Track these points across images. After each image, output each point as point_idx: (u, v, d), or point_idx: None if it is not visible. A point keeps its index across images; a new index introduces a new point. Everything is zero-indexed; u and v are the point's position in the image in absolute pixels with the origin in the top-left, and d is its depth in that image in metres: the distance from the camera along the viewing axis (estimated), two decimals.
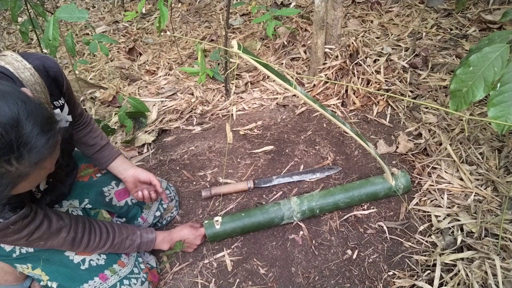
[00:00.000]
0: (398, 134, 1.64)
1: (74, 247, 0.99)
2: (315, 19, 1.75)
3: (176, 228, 1.28)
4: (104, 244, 1.05)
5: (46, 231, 0.90)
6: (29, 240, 0.87)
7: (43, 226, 0.89)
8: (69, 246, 0.98)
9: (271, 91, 2.00)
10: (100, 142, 1.18)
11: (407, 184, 1.33)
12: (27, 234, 0.86)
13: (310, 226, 1.34)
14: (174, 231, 1.26)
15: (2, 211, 0.79)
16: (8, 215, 0.80)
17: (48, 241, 0.92)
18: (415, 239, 1.25)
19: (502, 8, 2.21)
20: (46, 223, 0.90)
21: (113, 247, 1.07)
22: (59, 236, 0.94)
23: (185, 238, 1.24)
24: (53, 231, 0.92)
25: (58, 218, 0.94)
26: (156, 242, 1.19)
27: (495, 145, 1.45)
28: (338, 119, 1.13)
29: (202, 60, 1.71)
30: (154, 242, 1.18)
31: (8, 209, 0.80)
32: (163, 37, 2.73)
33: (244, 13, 2.82)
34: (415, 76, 1.91)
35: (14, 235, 0.84)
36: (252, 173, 1.56)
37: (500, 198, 1.29)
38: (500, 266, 1.07)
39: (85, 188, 1.21)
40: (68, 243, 0.97)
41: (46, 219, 0.90)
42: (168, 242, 1.22)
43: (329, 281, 1.18)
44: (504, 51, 1.00)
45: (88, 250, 1.03)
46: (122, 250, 1.11)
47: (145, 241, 1.16)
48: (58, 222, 0.94)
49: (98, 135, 1.19)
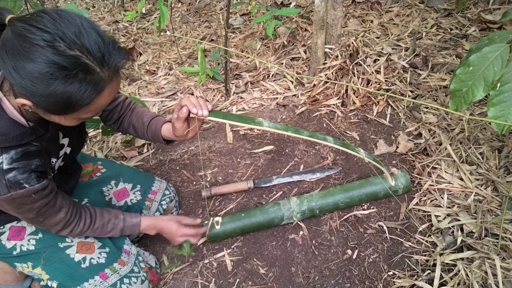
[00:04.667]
0: (398, 134, 1.64)
1: (63, 230, 0.98)
2: (315, 19, 1.75)
3: (164, 217, 1.18)
4: (87, 229, 1.02)
5: (51, 208, 0.91)
6: (38, 214, 0.89)
7: (51, 203, 0.91)
8: (61, 226, 0.96)
9: (271, 91, 2.00)
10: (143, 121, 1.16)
11: (407, 184, 1.33)
12: (39, 207, 0.87)
13: (310, 226, 1.34)
14: (161, 218, 1.17)
15: (29, 178, 0.82)
16: (34, 182, 0.83)
17: (47, 218, 0.92)
18: (415, 239, 1.25)
19: (502, 8, 2.21)
20: (53, 199, 0.92)
21: (94, 231, 1.04)
22: (58, 215, 0.94)
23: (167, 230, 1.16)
24: (56, 209, 0.93)
25: (62, 196, 0.96)
26: (141, 227, 1.13)
27: (495, 145, 1.45)
28: (318, 136, 1.11)
29: (202, 60, 1.71)
30: (138, 226, 1.13)
31: (34, 176, 0.83)
32: (163, 37, 2.73)
33: (244, 13, 2.82)
34: (415, 76, 1.91)
35: (30, 204, 0.85)
36: (252, 173, 1.56)
37: (500, 198, 1.29)
38: (500, 266, 1.07)
39: (84, 188, 1.22)
40: (61, 224, 0.96)
41: (54, 196, 0.92)
42: (153, 228, 1.16)
43: (329, 281, 1.18)
44: (504, 51, 1.00)
45: (72, 234, 1.00)
46: (105, 234, 1.07)
47: (128, 225, 1.11)
48: (62, 201, 0.95)
49: (139, 117, 1.17)
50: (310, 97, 1.88)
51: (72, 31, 0.69)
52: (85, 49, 0.70)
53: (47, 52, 0.67)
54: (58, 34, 0.68)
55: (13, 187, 0.80)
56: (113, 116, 1.17)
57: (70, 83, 0.69)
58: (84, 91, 0.71)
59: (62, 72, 0.68)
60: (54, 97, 0.70)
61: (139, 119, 1.16)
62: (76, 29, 0.70)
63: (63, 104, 0.72)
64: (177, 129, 0.99)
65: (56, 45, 0.67)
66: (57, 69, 0.68)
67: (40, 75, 0.67)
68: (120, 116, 1.18)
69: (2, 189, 0.79)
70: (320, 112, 1.82)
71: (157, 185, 1.36)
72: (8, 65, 0.68)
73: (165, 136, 1.13)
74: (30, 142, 0.83)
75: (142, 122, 1.15)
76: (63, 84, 0.69)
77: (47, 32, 0.67)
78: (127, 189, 1.29)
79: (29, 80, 0.68)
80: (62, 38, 0.68)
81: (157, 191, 1.35)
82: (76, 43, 0.69)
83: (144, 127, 1.15)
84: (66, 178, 1.12)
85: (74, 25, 0.70)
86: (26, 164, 0.82)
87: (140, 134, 1.17)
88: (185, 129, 1.01)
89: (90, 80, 0.72)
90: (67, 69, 0.68)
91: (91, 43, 0.71)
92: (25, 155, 0.82)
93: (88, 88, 0.72)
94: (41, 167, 0.86)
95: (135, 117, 1.17)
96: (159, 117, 1.16)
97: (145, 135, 1.16)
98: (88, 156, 1.36)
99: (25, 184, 0.82)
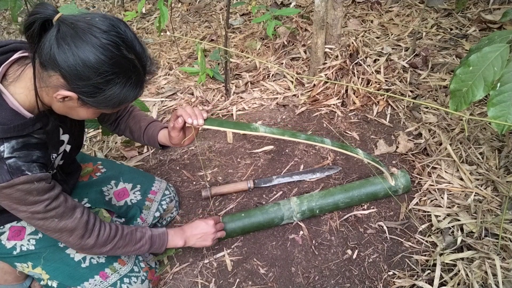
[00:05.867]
0: (398, 134, 1.64)
1: (86, 233, 0.93)
2: (315, 19, 1.75)
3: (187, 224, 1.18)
4: (115, 235, 0.98)
5: (63, 204, 0.89)
6: (47, 209, 0.85)
7: (61, 198, 0.89)
8: (82, 229, 0.92)
9: (271, 91, 2.00)
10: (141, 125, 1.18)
11: (407, 184, 1.33)
12: (47, 199, 0.84)
13: (310, 226, 1.34)
14: (185, 225, 1.16)
15: (30, 166, 0.82)
16: (36, 170, 0.82)
17: (63, 218, 0.88)
18: (415, 239, 1.25)
19: (502, 8, 2.21)
20: (63, 196, 0.90)
21: (124, 237, 1.00)
22: (74, 215, 0.90)
23: (200, 230, 1.14)
24: (69, 206, 0.90)
25: (72, 198, 0.94)
26: (169, 236, 1.10)
27: (495, 145, 1.45)
28: (315, 138, 1.12)
29: (202, 60, 1.71)
30: (166, 235, 1.10)
31: (36, 165, 0.83)
32: (163, 37, 2.73)
33: (244, 13, 2.82)
34: (415, 76, 1.91)
35: (37, 195, 0.83)
36: (252, 173, 1.56)
37: (500, 198, 1.29)
38: (500, 266, 1.07)
39: (84, 187, 1.22)
40: (82, 226, 0.91)
41: (63, 194, 0.91)
42: (181, 236, 1.12)
43: (329, 281, 1.18)
44: (504, 51, 1.00)
45: (99, 241, 0.95)
46: (134, 243, 1.03)
47: (156, 233, 1.08)
48: (73, 201, 0.93)
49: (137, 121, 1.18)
50: (310, 97, 1.88)
51: (129, 37, 0.77)
52: (137, 55, 0.79)
53: (111, 53, 0.73)
54: (120, 37, 0.75)
55: (15, 173, 0.78)
56: (111, 117, 1.19)
57: (127, 84, 0.78)
58: (131, 92, 0.81)
59: (123, 73, 0.76)
60: (110, 95, 0.78)
61: (136, 122, 1.18)
62: (131, 36, 0.78)
63: (115, 102, 0.80)
64: (174, 138, 1.03)
65: (121, 47, 0.75)
66: (118, 71, 0.75)
67: (102, 72, 0.74)
68: (117, 117, 1.19)
69: (3, 176, 0.77)
70: (320, 112, 1.82)
71: (157, 185, 1.36)
72: (71, 55, 0.72)
73: (161, 142, 1.15)
74: (30, 134, 0.83)
75: (139, 126, 1.17)
76: (120, 83, 0.77)
77: (111, 34, 0.74)
78: (127, 189, 1.29)
79: (92, 72, 0.73)
80: (125, 41, 0.76)
81: (157, 191, 1.35)
82: (133, 48, 0.77)
83: (141, 131, 1.16)
84: (65, 178, 1.12)
85: (127, 32, 0.77)
86: (27, 154, 0.81)
87: (136, 137, 1.19)
88: (181, 138, 1.03)
89: (138, 82, 0.81)
90: (128, 71, 0.77)
91: (140, 49, 0.79)
92: (26, 146, 0.82)
93: (135, 90, 0.82)
94: (43, 159, 0.85)
95: (132, 120, 1.19)
96: (156, 123, 1.17)
97: (141, 139, 1.17)
98: (88, 156, 1.36)
99: (27, 172, 0.80)
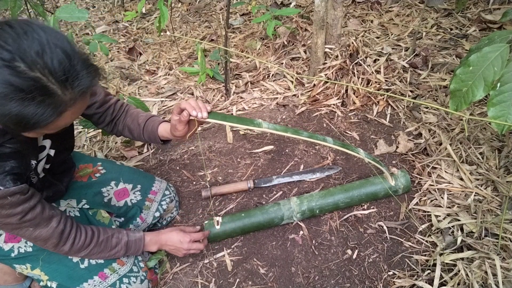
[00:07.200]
0: (398, 134, 1.64)
1: (61, 242, 0.94)
2: (315, 19, 1.75)
3: (165, 230, 1.19)
4: (90, 242, 1.00)
5: (39, 215, 0.88)
6: (21, 221, 0.84)
7: (37, 209, 0.87)
8: (57, 239, 0.93)
9: (271, 91, 2.00)
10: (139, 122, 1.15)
11: (407, 184, 1.33)
12: (21, 212, 0.83)
13: (310, 226, 1.34)
14: (163, 231, 1.17)
15: (3, 180, 0.79)
16: (9, 184, 0.79)
17: (37, 228, 0.89)
18: (415, 239, 1.25)
19: (502, 8, 2.21)
20: (40, 206, 0.89)
21: (99, 245, 1.02)
22: (49, 225, 0.91)
23: (173, 243, 1.15)
24: (45, 217, 0.89)
25: (50, 207, 0.93)
26: (145, 241, 1.12)
27: (495, 145, 1.45)
28: (317, 137, 1.12)
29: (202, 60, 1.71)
30: (142, 240, 1.11)
31: (9, 178, 0.80)
32: (163, 37, 2.73)
33: (244, 13, 2.82)
34: (415, 76, 1.91)
35: (10, 209, 0.81)
36: (252, 173, 1.56)
37: (500, 198, 1.29)
38: (500, 266, 1.07)
39: (83, 188, 1.21)
40: (56, 236, 0.92)
41: (41, 204, 0.89)
42: (156, 243, 1.14)
43: (329, 281, 1.18)
44: (504, 51, 1.00)
45: (74, 249, 0.97)
46: (110, 249, 1.04)
47: (132, 239, 1.09)
48: (51, 210, 0.92)
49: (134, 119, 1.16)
50: (310, 97, 1.88)
51: (35, 50, 0.66)
52: (47, 70, 0.67)
53: (4, 72, 0.64)
54: (18, 53, 0.65)
55: None
56: (105, 119, 1.16)
57: (26, 106, 0.66)
58: (41, 114, 0.68)
59: (18, 94, 0.65)
60: (9, 117, 0.67)
61: (134, 120, 1.16)
62: (40, 47, 0.66)
63: (17, 123, 0.69)
64: (179, 131, 1.00)
65: (15, 65, 0.64)
66: (13, 91, 0.64)
67: None
68: (113, 118, 1.17)
69: None
70: (320, 112, 1.82)
71: (157, 185, 1.36)
72: None
73: (162, 136, 1.13)
74: (2, 144, 0.79)
75: (137, 124, 1.15)
76: (18, 106, 0.66)
77: (7, 50, 0.64)
78: (127, 189, 1.29)
79: None
80: (22, 57, 0.65)
81: (157, 191, 1.35)
82: (37, 62, 0.66)
83: (140, 129, 1.14)
84: (59, 177, 1.11)
85: (38, 42, 0.67)
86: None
87: (136, 135, 1.17)
88: (186, 131, 1.01)
89: (49, 103, 0.68)
90: (24, 91, 0.65)
91: (55, 63, 0.67)
92: None
93: (46, 111, 0.68)
94: (18, 169, 0.82)
95: (129, 119, 1.17)
96: (154, 117, 1.16)
97: (141, 137, 1.16)
98: (88, 156, 1.35)
99: (0, 186, 0.78)
